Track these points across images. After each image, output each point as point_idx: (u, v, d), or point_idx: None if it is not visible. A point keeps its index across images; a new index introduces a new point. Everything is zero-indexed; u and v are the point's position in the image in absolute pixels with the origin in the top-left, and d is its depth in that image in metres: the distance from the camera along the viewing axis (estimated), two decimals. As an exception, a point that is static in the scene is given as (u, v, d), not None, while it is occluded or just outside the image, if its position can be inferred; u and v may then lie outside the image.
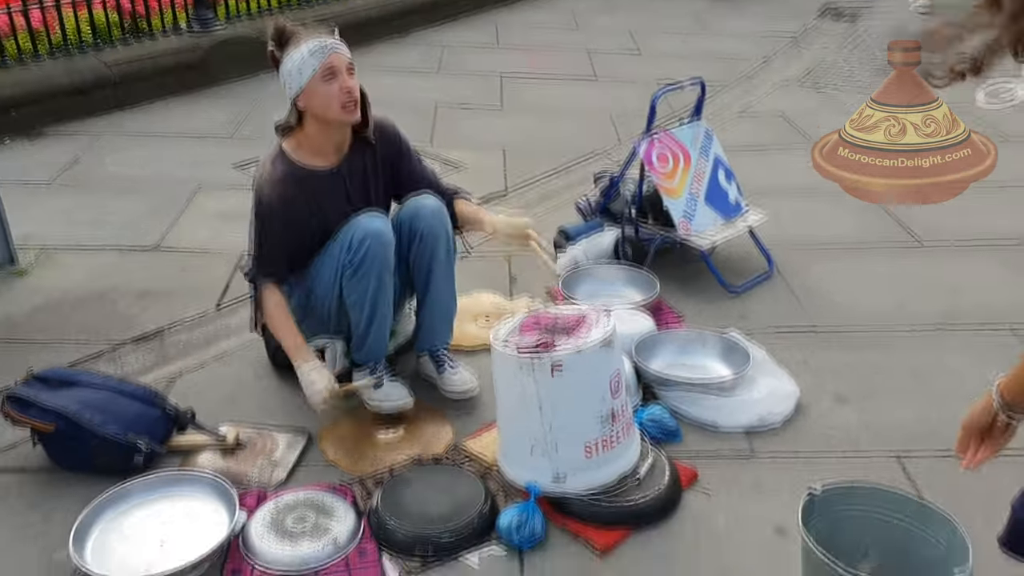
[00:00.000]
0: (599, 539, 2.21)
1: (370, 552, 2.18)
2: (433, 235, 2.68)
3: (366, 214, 2.58)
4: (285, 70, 2.51)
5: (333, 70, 2.48)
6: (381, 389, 2.69)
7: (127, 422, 2.44)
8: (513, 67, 6.49)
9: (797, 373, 2.85)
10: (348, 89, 2.50)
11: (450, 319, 2.87)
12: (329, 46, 2.50)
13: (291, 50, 2.49)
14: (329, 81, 2.48)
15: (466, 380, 2.81)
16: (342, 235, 2.57)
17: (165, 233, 3.86)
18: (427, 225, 2.67)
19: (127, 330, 3.14)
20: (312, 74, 2.46)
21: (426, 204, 2.70)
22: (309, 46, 2.48)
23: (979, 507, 2.32)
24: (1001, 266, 3.61)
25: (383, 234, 2.55)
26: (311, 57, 2.47)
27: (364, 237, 2.52)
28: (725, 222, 3.54)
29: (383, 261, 2.57)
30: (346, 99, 2.51)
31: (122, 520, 2.24)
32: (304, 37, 2.51)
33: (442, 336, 2.86)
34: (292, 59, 2.49)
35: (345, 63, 2.52)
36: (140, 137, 4.95)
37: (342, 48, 2.54)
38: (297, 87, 2.49)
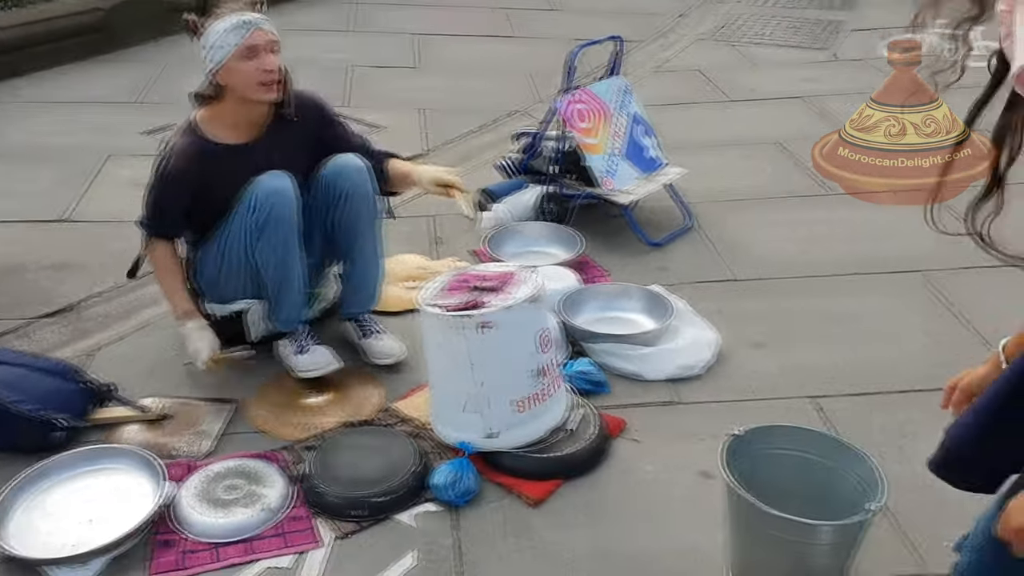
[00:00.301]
0: (532, 491, 2.25)
1: (304, 517, 2.18)
2: (358, 195, 2.63)
3: (268, 174, 2.52)
4: (205, 43, 2.42)
5: (254, 49, 2.41)
6: (306, 355, 2.66)
7: (43, 398, 2.37)
8: (428, 25, 6.41)
9: (717, 322, 2.92)
10: (268, 69, 2.44)
11: (375, 284, 2.82)
12: (252, 22, 2.41)
13: (212, 22, 2.40)
14: (249, 59, 2.41)
15: (391, 347, 2.77)
16: (245, 196, 2.51)
17: (76, 203, 3.73)
18: (351, 184, 2.62)
19: (41, 304, 3.04)
20: (231, 51, 2.39)
21: (350, 163, 2.64)
22: (230, 22, 2.40)
23: (891, 443, 2.45)
24: (910, 212, 3.74)
25: (285, 190, 2.50)
26: (231, 34, 2.39)
27: (267, 196, 2.47)
28: (645, 177, 3.59)
29: (288, 219, 2.52)
30: (265, 79, 2.44)
31: (45, 498, 2.18)
32: (226, 10, 2.43)
33: (366, 302, 2.83)
34: (212, 33, 2.40)
35: (267, 41, 2.44)
36: (42, 104, 4.75)
37: (265, 25, 2.45)
38: (215, 63, 2.42)
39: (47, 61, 5.20)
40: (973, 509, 2.20)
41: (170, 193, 2.54)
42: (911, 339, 2.90)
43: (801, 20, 6.71)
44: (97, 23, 5.46)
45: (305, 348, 2.66)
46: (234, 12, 2.43)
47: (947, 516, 2.19)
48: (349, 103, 4.87)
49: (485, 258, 3.34)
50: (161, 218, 2.59)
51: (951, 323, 2.98)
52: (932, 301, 3.11)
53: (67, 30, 5.32)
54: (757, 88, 5.31)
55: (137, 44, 5.67)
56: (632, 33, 5.97)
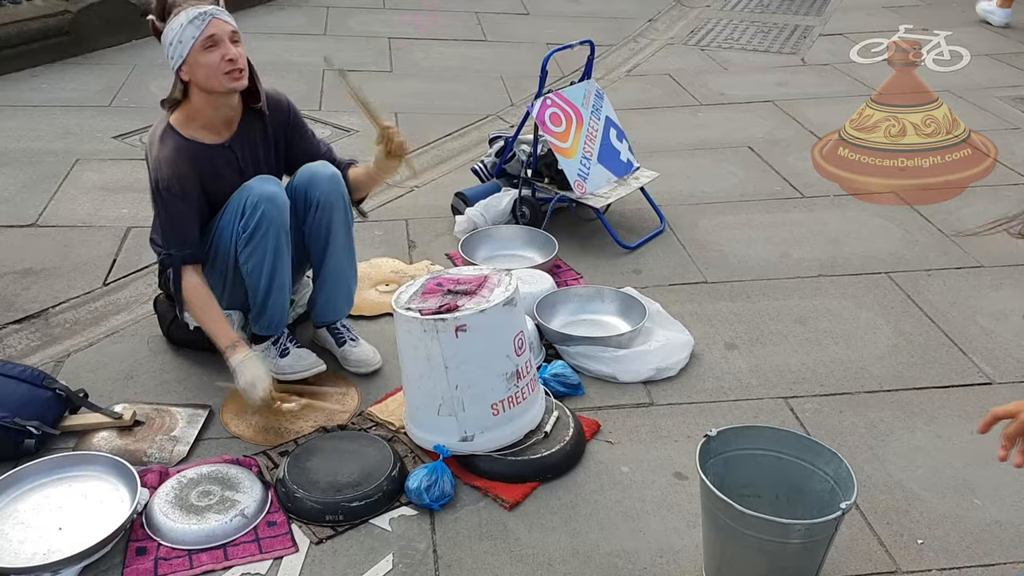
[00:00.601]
0: (508, 494, 2.25)
1: (280, 523, 2.17)
2: (329, 203, 2.62)
3: (258, 179, 2.52)
4: (166, 41, 2.40)
5: (214, 39, 2.38)
6: (288, 358, 2.65)
7: (14, 406, 2.34)
8: (401, 29, 6.40)
9: (690, 324, 2.95)
10: (231, 57, 2.41)
11: (349, 291, 2.81)
12: (209, 12, 2.39)
13: (171, 20, 2.39)
14: (211, 50, 2.38)
15: (368, 356, 2.77)
16: (234, 201, 2.50)
17: (44, 208, 3.68)
18: (323, 192, 2.61)
19: (8, 311, 3.00)
20: (192, 44, 2.37)
21: (321, 171, 2.63)
22: (187, 15, 2.38)
23: (862, 443, 2.49)
24: (876, 216, 3.80)
25: (277, 196, 2.49)
26: (190, 26, 2.37)
27: (258, 202, 2.46)
28: (618, 181, 3.61)
29: (279, 225, 2.50)
30: (229, 67, 2.41)
31: (16, 506, 2.15)
32: (182, 5, 2.41)
33: (340, 310, 2.81)
34: (172, 29, 2.38)
35: (228, 31, 2.42)
36: (8, 108, 4.67)
37: (223, 14, 2.44)
38: (179, 58, 2.39)
39: (15, 64, 5.13)
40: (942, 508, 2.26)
41: (178, 203, 2.46)
42: (880, 340, 2.94)
43: (770, 25, 6.78)
44: (66, 25, 5.39)
45: (287, 351, 2.65)
46: (189, 5, 2.40)
47: (917, 514, 2.24)
48: (322, 107, 4.86)
49: (459, 261, 3.35)
50: (182, 237, 2.48)
51: (920, 324, 3.03)
52: (900, 302, 3.16)
53: (36, 32, 5.25)
54: (727, 92, 5.36)
55: (106, 47, 5.61)
56: (603, 38, 6.02)
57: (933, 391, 2.70)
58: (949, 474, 2.37)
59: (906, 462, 2.40)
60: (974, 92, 5.16)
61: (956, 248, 3.52)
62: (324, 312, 2.80)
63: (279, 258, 2.54)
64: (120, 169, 4.06)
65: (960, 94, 5.10)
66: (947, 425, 2.55)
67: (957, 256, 3.46)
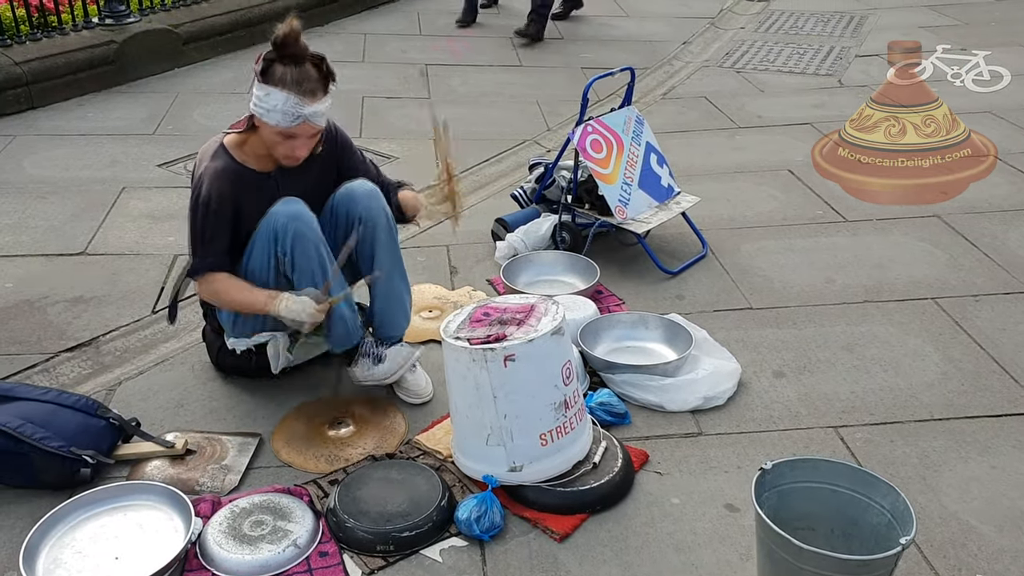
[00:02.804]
0: (557, 525, 2.25)
1: (331, 553, 2.18)
2: (371, 218, 2.62)
3: (280, 202, 2.52)
4: (258, 91, 2.40)
5: (293, 136, 2.42)
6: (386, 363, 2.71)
7: (71, 435, 2.38)
8: (437, 55, 6.46)
9: (736, 351, 2.94)
10: (294, 156, 2.47)
11: (404, 305, 2.78)
12: (303, 116, 2.38)
13: (273, 87, 2.36)
14: (286, 140, 2.43)
15: (421, 385, 2.78)
16: (264, 228, 2.51)
17: (92, 237, 3.75)
18: (363, 208, 2.61)
19: (60, 339, 3.05)
20: (275, 124, 2.39)
21: (359, 188, 2.64)
22: (288, 103, 2.36)
23: (914, 473, 2.45)
24: (920, 240, 3.77)
25: (302, 213, 2.51)
26: (280, 114, 2.37)
27: (287, 223, 2.48)
28: (659, 206, 3.61)
29: (313, 238, 2.51)
30: (287, 162, 2.49)
31: (73, 536, 2.18)
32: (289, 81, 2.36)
33: (398, 325, 2.79)
34: (269, 93, 2.37)
35: (310, 132, 2.45)
36: (57, 137, 4.78)
37: (316, 119, 2.42)
38: (258, 115, 2.42)
39: (63, 93, 5.25)
40: (1001, 541, 2.22)
41: (213, 218, 2.50)
42: (929, 367, 2.91)
43: (805, 46, 6.76)
44: (111, 55, 5.51)
45: (381, 356, 2.70)
46: (294, 91, 2.36)
47: (974, 547, 2.20)
48: (362, 134, 4.91)
49: (501, 287, 3.36)
50: (211, 248, 2.53)
51: (969, 351, 2.99)
52: (948, 328, 3.12)
53: (82, 62, 5.37)
54: (764, 114, 5.35)
55: (150, 75, 5.72)
56: (637, 61, 6.02)
57: (986, 420, 2.66)
58: (1006, 505, 2.33)
59: (960, 493, 2.37)
60: (1016, 112, 5.11)
61: (1003, 272, 3.47)
62: (382, 328, 2.79)
63: (325, 269, 2.55)
64: (165, 197, 4.12)
65: (1001, 115, 5.05)
66: (1001, 455, 2.51)
67: (1004, 280, 3.42)
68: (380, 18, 7.41)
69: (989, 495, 2.36)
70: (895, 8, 7.66)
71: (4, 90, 5.00)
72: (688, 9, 7.84)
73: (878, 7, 7.72)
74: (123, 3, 5.78)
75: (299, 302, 2.48)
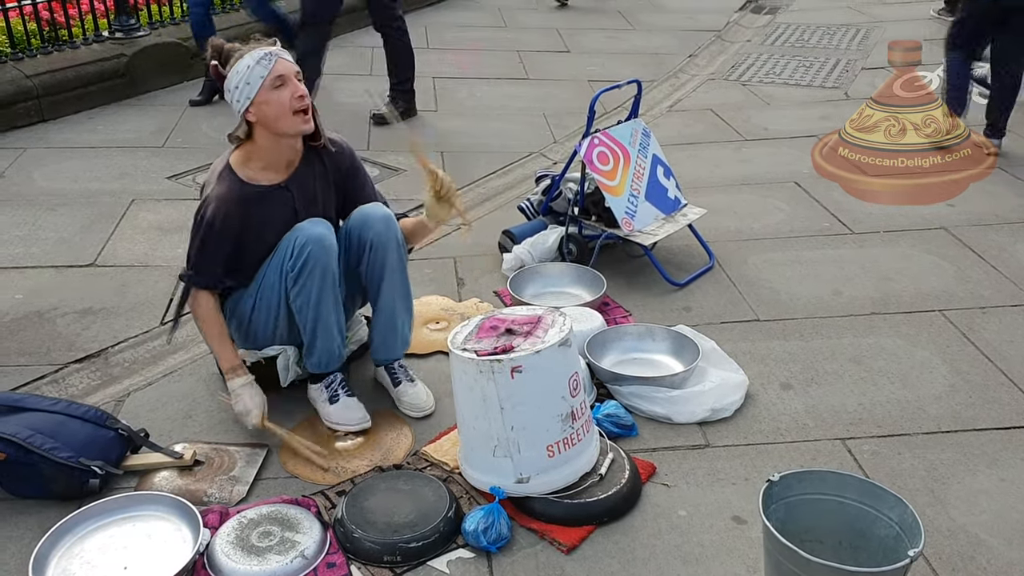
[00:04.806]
0: (565, 537, 2.25)
1: (339, 564, 2.18)
2: (382, 243, 2.66)
3: (308, 221, 2.57)
4: (232, 84, 2.47)
5: (283, 78, 2.45)
6: (337, 405, 2.69)
7: (80, 446, 2.39)
8: (445, 68, 6.50)
9: (744, 363, 2.94)
10: (301, 94, 2.47)
11: (403, 333, 2.81)
12: (273, 53, 2.47)
13: (236, 62, 2.46)
14: (280, 88, 2.45)
15: (421, 401, 2.78)
16: (285, 241, 2.55)
17: (102, 248, 3.77)
18: (376, 233, 2.65)
19: (69, 350, 3.07)
20: (261, 83, 2.43)
21: (374, 213, 2.68)
22: (253, 56, 2.45)
23: (922, 486, 2.45)
24: (927, 252, 3.77)
25: (324, 238, 2.54)
26: (257, 66, 2.44)
27: (305, 243, 2.50)
28: (666, 218, 3.62)
29: (325, 267, 2.54)
30: (299, 105, 2.47)
31: (81, 546, 2.19)
32: (244, 49, 2.49)
33: (394, 350, 2.83)
34: (238, 71, 2.45)
35: (293, 70, 2.49)
36: (67, 150, 4.82)
37: (286, 54, 2.51)
38: (247, 98, 2.45)
39: (74, 106, 5.30)
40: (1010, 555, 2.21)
41: (213, 240, 2.54)
42: (937, 379, 2.90)
43: (811, 59, 6.78)
44: (121, 68, 5.56)
45: (336, 397, 2.69)
46: (250, 48, 2.48)
47: (983, 560, 2.20)
48: (370, 146, 4.93)
49: (508, 299, 3.37)
50: (205, 267, 2.58)
51: (977, 363, 2.98)
52: (956, 341, 3.12)
53: (92, 75, 5.42)
54: (770, 127, 5.36)
55: (159, 88, 5.77)
56: (644, 74, 6.04)
57: (994, 432, 2.65)
58: (1015, 518, 2.32)
59: (969, 506, 2.36)
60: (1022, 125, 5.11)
61: (1011, 284, 3.47)
62: (379, 351, 2.83)
63: (323, 299, 2.58)
64: (174, 209, 4.15)
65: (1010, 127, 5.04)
66: (1010, 468, 2.51)
67: (1012, 293, 3.41)
68: (387, 31, 7.45)
69: (998, 508, 2.35)
70: (901, 21, 7.68)
71: (15, 103, 5.06)
72: (694, 22, 7.87)
73: (884, 20, 7.75)
74: (133, 17, 5.84)
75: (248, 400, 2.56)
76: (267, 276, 2.60)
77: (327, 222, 2.62)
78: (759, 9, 8.34)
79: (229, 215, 2.51)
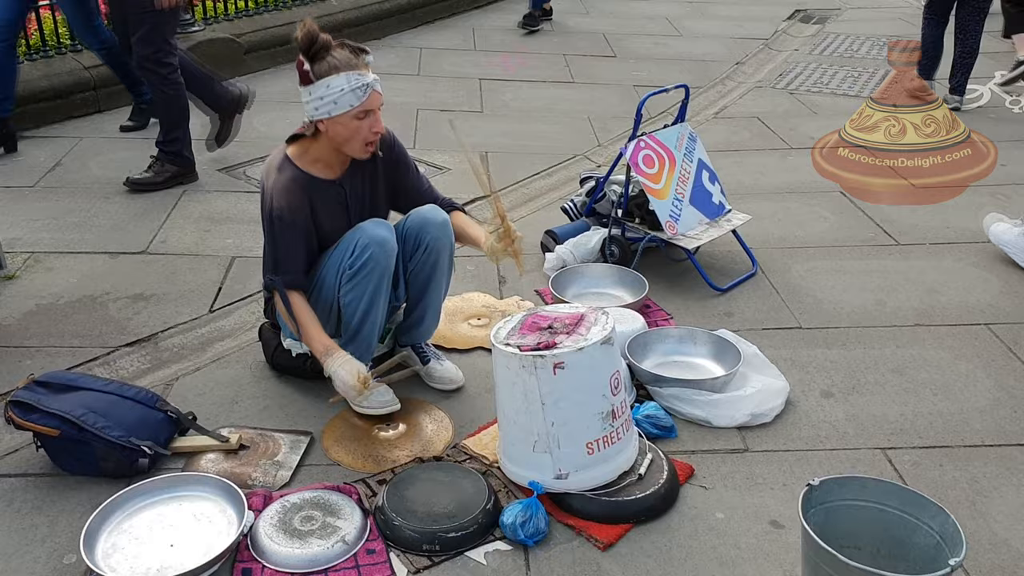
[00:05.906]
0: (602, 534, 2.26)
1: (378, 551, 2.22)
2: (437, 248, 2.72)
3: (372, 222, 2.62)
4: (317, 93, 2.45)
5: (369, 109, 2.49)
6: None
7: (130, 426, 2.45)
8: (491, 70, 6.54)
9: (785, 370, 2.93)
10: (378, 131, 2.53)
11: (435, 320, 2.93)
12: (370, 85, 2.47)
13: (330, 76, 2.43)
14: (362, 119, 2.49)
15: (451, 373, 2.88)
16: (346, 239, 2.60)
17: (153, 236, 3.86)
18: (433, 237, 2.71)
19: (121, 334, 3.15)
20: (348, 109, 2.46)
21: (434, 218, 2.73)
22: (349, 81, 2.43)
23: (963, 498, 2.43)
24: (973, 266, 3.73)
25: (387, 242, 2.59)
26: (350, 94, 2.44)
27: (368, 243, 2.55)
28: (710, 222, 3.62)
29: (384, 269, 2.60)
30: (372, 139, 2.54)
31: (130, 523, 2.25)
32: (341, 62, 2.44)
33: (426, 334, 2.95)
34: (329, 87, 2.43)
35: (380, 102, 2.52)
36: (122, 140, 4.93)
37: (379, 86, 2.51)
38: (327, 113, 2.47)
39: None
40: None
41: (287, 231, 2.58)
42: (981, 393, 2.88)
43: (860, 69, 6.72)
44: (174, 63, 5.66)
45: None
46: (349, 68, 2.44)
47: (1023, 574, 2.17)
48: (415, 145, 4.99)
49: (549, 298, 3.39)
50: (289, 263, 2.60)
51: (1022, 378, 2.95)
52: (1001, 355, 3.08)
53: (146, 69, 5.52)
54: (817, 136, 5.32)
55: (211, 83, 5.86)
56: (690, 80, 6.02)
57: (1039, 448, 2.63)
58: (1058, 535, 2.29)
59: (1012, 520, 2.34)
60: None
61: (1060, 301, 3.42)
62: (411, 335, 2.92)
63: (376, 299, 2.63)
64: (225, 200, 4.23)
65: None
66: (1054, 484, 2.48)
67: (1060, 309, 3.37)
68: (435, 33, 7.53)
69: (1041, 523, 2.33)
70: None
71: (73, 93, 5.19)
72: (742, 30, 7.84)
73: (935, 31, 7.64)
74: (188, 12, 5.95)
75: (348, 372, 2.53)
76: (325, 272, 2.64)
77: (388, 224, 2.67)
78: (808, 19, 8.29)
79: (293, 202, 2.56)
